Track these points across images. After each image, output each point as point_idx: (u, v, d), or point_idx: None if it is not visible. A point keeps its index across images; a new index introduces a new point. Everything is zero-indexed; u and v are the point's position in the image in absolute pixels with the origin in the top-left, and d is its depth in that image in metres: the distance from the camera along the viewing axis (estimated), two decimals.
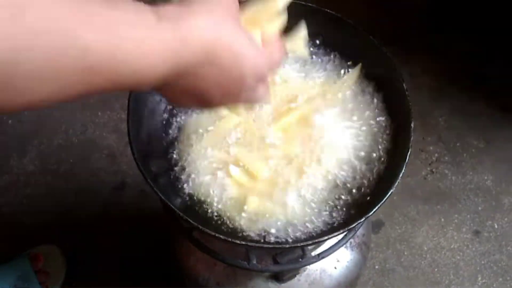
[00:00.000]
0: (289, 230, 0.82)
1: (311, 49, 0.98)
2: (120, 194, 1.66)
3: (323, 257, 0.85)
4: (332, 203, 0.85)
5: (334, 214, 0.83)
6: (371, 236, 1.57)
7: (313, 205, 0.84)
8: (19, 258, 1.44)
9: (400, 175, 0.78)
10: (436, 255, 1.57)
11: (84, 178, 1.68)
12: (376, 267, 1.56)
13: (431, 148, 1.76)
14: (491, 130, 1.79)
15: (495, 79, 1.89)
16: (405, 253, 1.58)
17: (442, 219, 1.63)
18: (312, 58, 0.98)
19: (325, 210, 0.84)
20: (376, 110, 0.92)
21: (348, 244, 1.09)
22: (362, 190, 0.86)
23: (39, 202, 1.64)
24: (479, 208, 1.66)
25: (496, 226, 1.62)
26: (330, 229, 0.79)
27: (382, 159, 0.88)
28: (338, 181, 0.86)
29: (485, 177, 1.71)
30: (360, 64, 0.95)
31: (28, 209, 1.63)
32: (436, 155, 1.75)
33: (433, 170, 1.72)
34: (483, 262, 1.57)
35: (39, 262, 1.45)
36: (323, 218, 0.83)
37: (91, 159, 1.72)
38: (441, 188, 1.69)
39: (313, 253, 0.87)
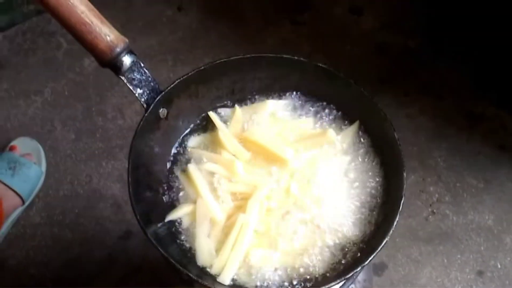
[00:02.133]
0: (289, 280, 0.84)
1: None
2: (125, 243, 1.68)
3: None
4: (331, 255, 0.86)
5: (332, 264, 0.85)
6: (375, 279, 1.58)
7: (313, 256, 0.86)
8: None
9: (394, 224, 0.80)
10: None
11: (90, 228, 1.70)
12: None
13: (431, 188, 1.78)
14: (489, 169, 1.81)
15: (491, 117, 1.92)
16: None
17: (445, 260, 1.64)
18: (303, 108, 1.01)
19: (325, 261, 0.86)
20: (372, 161, 0.94)
21: None
22: (360, 240, 0.88)
23: (46, 253, 1.66)
24: (482, 248, 1.66)
25: (499, 266, 1.63)
26: (326, 279, 0.81)
27: (378, 209, 0.90)
28: (337, 234, 0.88)
29: (486, 217, 1.72)
30: (358, 122, 0.98)
31: (35, 261, 1.65)
32: (436, 195, 1.76)
33: (434, 210, 1.73)
34: None
35: None
36: (322, 269, 0.85)
37: (96, 209, 1.74)
38: (442, 229, 1.70)
39: None
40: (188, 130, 1.00)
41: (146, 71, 0.90)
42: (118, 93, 1.99)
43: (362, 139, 0.97)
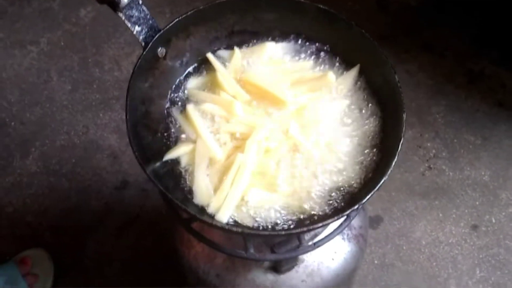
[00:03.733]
0: (286, 220, 0.84)
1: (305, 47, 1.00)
2: (122, 192, 1.68)
3: (319, 246, 0.87)
4: (328, 195, 0.86)
5: (330, 205, 0.85)
6: (370, 232, 1.59)
7: (311, 196, 0.86)
8: (7, 264, 1.48)
9: (393, 164, 0.80)
10: (435, 249, 1.59)
11: (87, 178, 1.71)
12: (376, 262, 1.58)
13: (428, 144, 1.78)
14: (487, 126, 1.81)
15: (491, 75, 1.91)
16: (404, 248, 1.60)
17: (440, 214, 1.65)
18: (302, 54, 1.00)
19: (322, 202, 0.86)
20: (370, 105, 0.94)
21: (345, 236, 1.11)
22: (359, 182, 0.88)
23: (43, 201, 1.67)
24: (477, 203, 1.67)
25: (493, 221, 1.64)
26: (323, 216, 0.81)
27: (377, 152, 0.90)
28: (335, 175, 0.88)
29: (483, 173, 1.73)
30: (358, 65, 0.96)
31: (31, 209, 1.65)
32: (433, 151, 1.77)
33: (431, 166, 1.74)
34: (481, 256, 1.59)
35: (27, 266, 1.48)
36: (319, 209, 0.85)
37: (93, 159, 1.74)
38: (439, 184, 1.71)
39: (309, 243, 0.89)
40: (187, 71, 0.99)
41: (145, 8, 0.88)
42: (115, 44, 1.97)
43: (362, 83, 0.96)
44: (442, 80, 1.91)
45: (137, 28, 0.88)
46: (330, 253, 1.08)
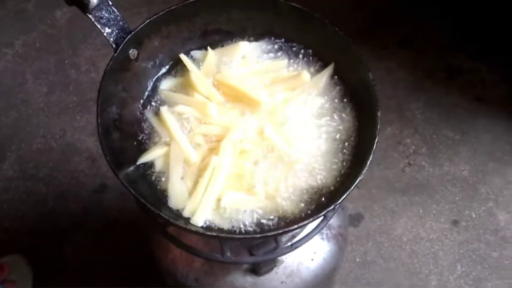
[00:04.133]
0: (263, 222, 0.83)
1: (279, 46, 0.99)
2: (100, 196, 1.66)
3: (296, 247, 0.86)
4: (304, 196, 0.86)
5: (306, 205, 0.85)
6: (351, 230, 1.59)
7: (287, 198, 0.85)
8: None
9: (368, 163, 0.79)
10: (416, 245, 1.60)
11: (64, 182, 1.68)
12: (357, 259, 1.58)
13: (408, 140, 1.78)
14: (466, 122, 1.82)
15: (469, 69, 1.91)
16: (385, 245, 1.60)
17: (421, 210, 1.66)
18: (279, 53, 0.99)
19: (298, 203, 0.85)
20: (345, 104, 0.93)
21: (324, 236, 1.10)
22: (335, 182, 0.87)
23: (20, 207, 1.64)
24: (457, 198, 1.68)
25: (473, 215, 1.65)
26: (299, 218, 0.80)
27: (353, 151, 0.89)
28: (311, 175, 0.87)
29: (462, 168, 1.73)
30: (332, 64, 0.95)
31: (8, 214, 1.63)
32: (413, 147, 1.77)
33: (411, 162, 1.74)
34: (462, 251, 1.59)
35: (4, 273, 1.46)
36: (296, 210, 0.84)
37: (70, 162, 1.72)
38: (419, 180, 1.71)
39: (287, 244, 0.88)
40: (160, 72, 0.97)
41: (115, 9, 0.87)
42: (91, 45, 1.95)
43: (336, 82, 0.96)
44: (421, 76, 1.92)
45: (107, 30, 0.86)
46: (310, 253, 1.07)
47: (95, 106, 1.80)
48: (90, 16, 0.84)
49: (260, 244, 0.88)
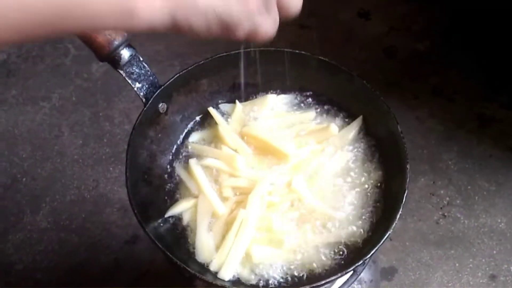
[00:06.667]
0: (290, 277, 0.82)
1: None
2: (132, 247, 1.66)
3: None
4: (333, 250, 0.84)
5: (335, 260, 0.83)
6: (385, 284, 1.55)
7: (315, 252, 0.84)
8: None
9: (397, 216, 0.78)
10: None
11: (96, 233, 1.69)
12: None
13: (442, 192, 1.74)
14: (501, 172, 1.78)
15: (502, 119, 1.88)
16: None
17: (457, 264, 1.60)
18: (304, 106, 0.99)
19: (326, 257, 0.84)
20: (374, 156, 0.93)
21: None
22: (364, 236, 0.86)
23: (52, 258, 1.65)
24: (494, 251, 1.63)
25: None
26: (328, 273, 0.79)
27: (382, 205, 0.88)
28: (340, 229, 0.86)
29: (499, 220, 1.68)
30: (361, 117, 0.96)
31: (41, 266, 1.64)
32: (447, 198, 1.73)
33: (445, 214, 1.70)
34: None
35: None
36: (324, 265, 0.83)
37: (103, 213, 1.73)
38: (454, 232, 1.67)
39: None
40: (189, 125, 0.99)
41: (145, 65, 0.89)
42: (125, 98, 1.99)
43: (364, 135, 0.95)
44: (453, 126, 1.89)
45: (137, 85, 0.88)
46: None
47: None
48: (121, 71, 0.87)
49: None
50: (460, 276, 1.58)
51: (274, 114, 0.97)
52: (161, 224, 0.88)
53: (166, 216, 0.89)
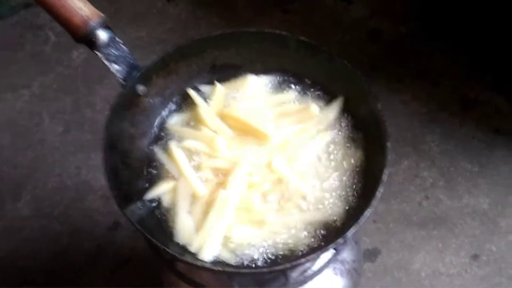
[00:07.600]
0: (272, 257, 0.82)
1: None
2: (114, 234, 1.65)
3: (306, 282, 0.84)
4: (314, 229, 0.84)
5: (316, 239, 0.83)
6: (368, 265, 1.56)
7: (296, 231, 0.84)
8: None
9: (378, 194, 0.77)
10: (435, 281, 1.55)
11: (78, 220, 1.68)
12: None
13: (425, 173, 1.75)
14: (484, 153, 1.79)
15: (485, 101, 1.89)
16: (403, 280, 1.55)
17: (440, 244, 1.61)
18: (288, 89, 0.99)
19: (307, 236, 0.84)
20: (355, 136, 0.92)
21: (337, 271, 1.08)
22: (345, 215, 0.86)
23: (34, 245, 1.64)
24: (477, 231, 1.64)
25: (494, 249, 1.60)
26: (308, 251, 0.78)
27: (363, 184, 0.88)
28: (321, 209, 0.86)
29: (481, 200, 1.70)
30: (342, 97, 0.95)
31: (23, 253, 1.63)
32: (430, 180, 1.74)
33: (428, 195, 1.71)
34: (482, 286, 1.54)
35: None
36: (305, 244, 0.83)
37: (85, 200, 1.72)
38: (437, 213, 1.67)
39: (298, 279, 0.87)
40: (168, 107, 0.98)
41: (124, 47, 0.88)
42: (107, 85, 1.97)
43: (346, 114, 0.95)
44: (437, 108, 1.90)
45: (116, 67, 0.87)
46: None
47: None
48: (98, 53, 0.85)
49: (269, 279, 0.87)
50: (443, 256, 1.59)
51: (254, 95, 0.97)
52: (141, 207, 0.87)
53: (145, 198, 0.88)
